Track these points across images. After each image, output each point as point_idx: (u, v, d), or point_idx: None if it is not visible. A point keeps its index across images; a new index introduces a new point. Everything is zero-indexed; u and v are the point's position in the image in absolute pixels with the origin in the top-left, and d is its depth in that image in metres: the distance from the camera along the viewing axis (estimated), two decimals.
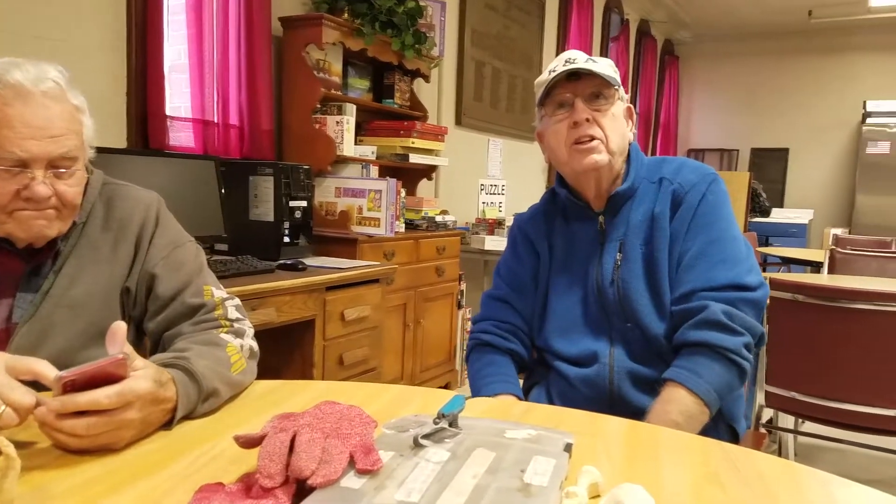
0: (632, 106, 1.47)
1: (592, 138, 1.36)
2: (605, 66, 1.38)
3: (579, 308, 1.45)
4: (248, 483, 0.74)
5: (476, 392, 1.46)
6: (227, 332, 1.18)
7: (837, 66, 8.29)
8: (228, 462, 0.85)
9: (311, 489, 0.70)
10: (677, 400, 1.26)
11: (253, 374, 1.19)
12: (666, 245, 1.37)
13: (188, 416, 1.00)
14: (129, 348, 0.91)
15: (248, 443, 0.79)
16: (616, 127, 1.39)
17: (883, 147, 7.58)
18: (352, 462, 0.74)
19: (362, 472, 0.73)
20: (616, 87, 1.38)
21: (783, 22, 8.06)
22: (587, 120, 1.35)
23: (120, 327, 0.91)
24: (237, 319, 1.24)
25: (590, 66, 1.35)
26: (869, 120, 7.73)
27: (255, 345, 1.23)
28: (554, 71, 1.38)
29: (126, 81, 2.60)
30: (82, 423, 0.84)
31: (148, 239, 1.24)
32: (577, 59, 1.37)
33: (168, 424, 0.97)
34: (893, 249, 4.51)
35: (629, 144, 1.45)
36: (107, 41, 2.54)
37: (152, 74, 2.62)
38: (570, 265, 1.48)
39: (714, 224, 1.37)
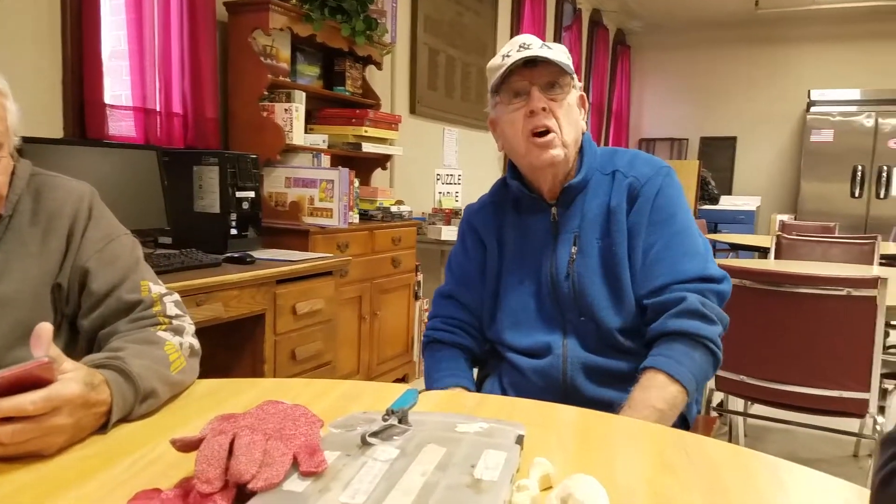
0: (584, 94, 1.45)
1: (548, 130, 1.34)
2: (560, 53, 1.36)
3: (532, 301, 1.44)
4: (186, 488, 0.71)
5: (430, 387, 1.46)
6: (165, 330, 1.13)
7: (783, 56, 8.48)
8: (166, 467, 0.81)
9: (252, 494, 0.67)
10: (659, 386, 1.24)
11: (194, 373, 1.15)
12: (624, 239, 1.37)
13: (125, 419, 0.96)
14: (55, 350, 0.86)
15: (186, 446, 0.76)
16: (570, 118, 1.37)
17: (826, 135, 7.78)
18: (296, 464, 0.72)
19: (306, 475, 0.71)
20: (571, 75, 1.37)
21: (731, 12, 8.21)
22: (543, 109, 1.34)
23: (45, 328, 0.86)
24: (176, 316, 1.19)
25: (545, 52, 1.33)
26: (813, 109, 7.93)
27: (196, 342, 1.18)
28: (508, 56, 1.35)
29: (62, 69, 2.50)
30: (7, 429, 0.80)
31: (80, 232, 1.18)
32: (532, 44, 1.35)
33: (103, 428, 0.92)
34: (836, 234, 4.63)
35: (582, 134, 1.44)
36: (40, 26, 2.43)
37: (89, 61, 2.52)
38: (523, 258, 1.46)
39: (674, 217, 1.38)
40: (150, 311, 1.16)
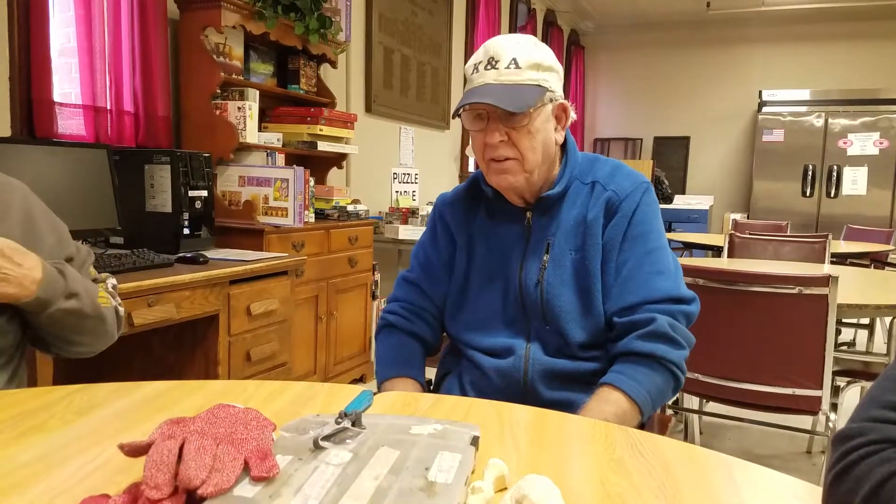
0: (566, 102, 1.39)
1: (507, 158, 1.32)
2: (532, 74, 1.29)
3: (498, 303, 1.42)
4: (134, 494, 0.69)
5: (380, 374, 1.46)
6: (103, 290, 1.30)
7: (734, 56, 8.66)
8: (114, 472, 0.79)
9: (202, 499, 0.66)
10: (614, 402, 1.24)
11: (113, 325, 1.32)
12: (598, 254, 1.35)
13: (48, 309, 1.15)
14: None
15: (134, 451, 0.74)
16: (534, 144, 1.32)
17: (777, 135, 7.96)
18: (247, 469, 0.70)
19: (257, 480, 0.69)
20: (536, 106, 1.30)
21: (682, 12, 8.35)
22: (502, 140, 1.30)
23: None
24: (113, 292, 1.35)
25: (508, 83, 1.28)
26: (764, 109, 8.10)
27: (122, 311, 1.37)
28: (476, 71, 1.31)
29: (9, 66, 2.43)
30: None
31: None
32: (501, 59, 1.29)
33: (35, 305, 1.13)
34: (788, 233, 4.74)
35: (563, 144, 1.41)
36: None
37: (37, 58, 2.46)
38: (492, 259, 1.44)
39: (649, 234, 1.36)
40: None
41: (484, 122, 1.31)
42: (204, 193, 2.74)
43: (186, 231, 2.66)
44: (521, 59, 1.29)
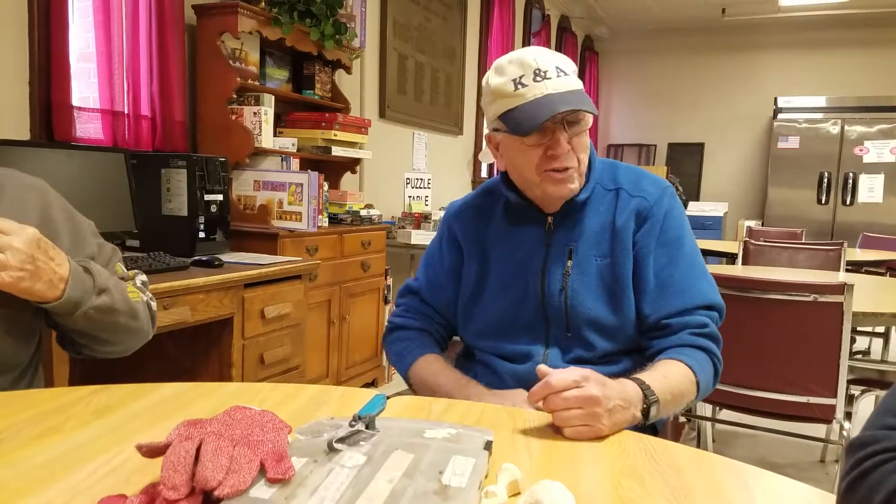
0: None
1: (568, 168, 1.30)
2: (577, 80, 1.29)
3: (516, 310, 1.40)
4: (151, 495, 0.70)
5: (402, 363, 1.45)
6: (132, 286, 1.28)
7: (750, 62, 8.62)
8: (131, 472, 0.80)
9: (219, 500, 0.67)
10: (681, 373, 1.21)
11: (147, 321, 1.29)
12: (629, 259, 1.34)
13: (80, 308, 1.12)
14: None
15: (152, 452, 0.75)
16: (586, 149, 1.33)
17: (793, 142, 7.91)
18: (262, 470, 0.71)
19: (273, 481, 0.70)
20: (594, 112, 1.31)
21: (698, 18, 8.32)
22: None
23: None
24: (143, 287, 1.34)
25: (570, 90, 1.26)
26: (780, 115, 8.05)
27: (154, 305, 1.35)
28: (523, 85, 1.26)
29: (28, 70, 2.46)
30: None
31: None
32: (548, 70, 1.26)
33: (57, 301, 1.10)
34: (803, 241, 4.71)
35: None
36: (7, 27, 2.39)
37: (57, 63, 2.49)
38: (509, 265, 1.42)
39: (684, 238, 1.36)
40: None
41: (547, 134, 1.28)
42: (219, 197, 2.75)
43: (202, 235, 2.68)
44: (562, 66, 1.28)
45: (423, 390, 1.39)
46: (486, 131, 1.44)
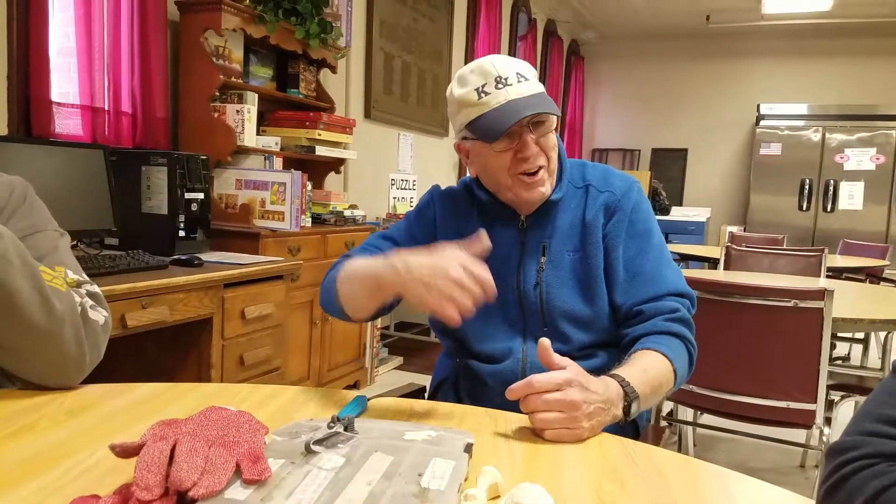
0: None
1: (539, 168, 1.32)
2: (537, 83, 1.32)
3: (495, 308, 1.39)
4: (125, 495, 0.68)
5: (328, 294, 1.29)
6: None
7: (733, 69, 8.70)
8: (104, 473, 0.79)
9: (193, 501, 0.65)
10: (656, 360, 1.21)
11: (72, 326, 1.06)
12: (600, 251, 1.36)
13: None
14: None
15: (126, 452, 0.73)
16: (555, 148, 1.35)
17: (775, 148, 8.00)
18: (238, 471, 0.70)
19: (249, 482, 0.69)
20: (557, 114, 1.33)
21: (682, 25, 8.38)
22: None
23: None
24: (89, 294, 1.14)
25: (532, 94, 1.28)
26: (762, 122, 8.13)
27: (102, 320, 1.13)
28: (485, 93, 1.28)
29: (6, 64, 2.43)
30: None
31: (5, 218, 1.12)
32: (509, 76, 1.29)
33: None
34: (784, 247, 4.75)
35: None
36: None
37: (36, 58, 2.46)
38: (486, 264, 1.43)
39: (652, 231, 1.39)
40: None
41: (514, 138, 1.30)
42: (200, 196, 2.73)
43: (182, 233, 2.66)
44: (522, 72, 1.31)
45: (352, 300, 1.23)
46: (454, 141, 1.45)
